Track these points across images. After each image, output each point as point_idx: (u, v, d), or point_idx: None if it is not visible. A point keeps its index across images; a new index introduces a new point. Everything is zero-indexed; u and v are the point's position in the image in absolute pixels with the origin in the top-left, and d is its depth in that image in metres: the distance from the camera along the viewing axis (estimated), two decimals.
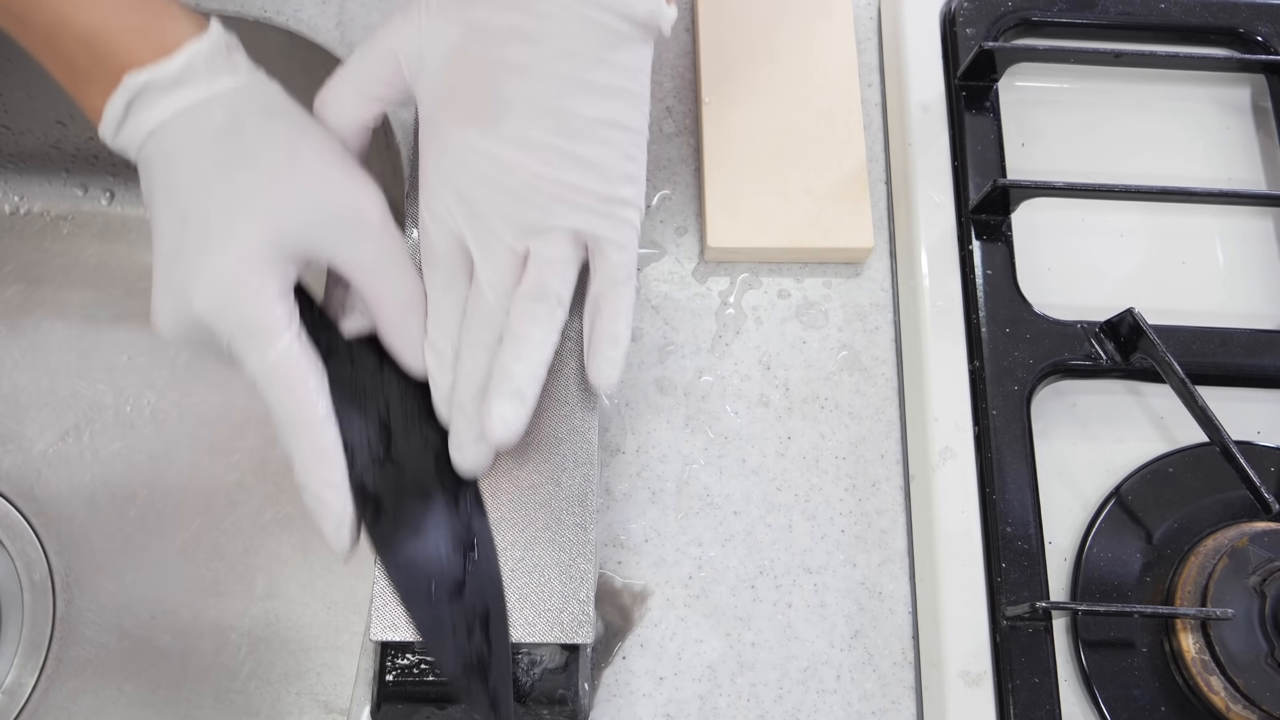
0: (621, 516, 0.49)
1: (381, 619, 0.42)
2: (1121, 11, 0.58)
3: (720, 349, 0.53)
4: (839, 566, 0.49)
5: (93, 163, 0.68)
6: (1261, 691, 0.44)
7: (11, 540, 0.62)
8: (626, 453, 0.50)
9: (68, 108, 0.65)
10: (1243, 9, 0.59)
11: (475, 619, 0.42)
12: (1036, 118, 0.58)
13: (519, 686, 0.42)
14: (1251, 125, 0.59)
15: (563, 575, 0.43)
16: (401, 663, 0.43)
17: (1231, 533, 0.48)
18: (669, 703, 0.47)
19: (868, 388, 0.52)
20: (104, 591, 0.62)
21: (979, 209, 0.53)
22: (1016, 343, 0.51)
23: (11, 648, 0.60)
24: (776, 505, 0.50)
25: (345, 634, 0.61)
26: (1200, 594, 0.46)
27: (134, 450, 0.64)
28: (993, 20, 0.57)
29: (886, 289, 0.54)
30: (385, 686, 0.42)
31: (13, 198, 0.69)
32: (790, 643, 0.48)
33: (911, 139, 0.55)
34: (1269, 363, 0.52)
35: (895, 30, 0.58)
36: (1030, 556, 0.47)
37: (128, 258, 0.69)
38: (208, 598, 0.62)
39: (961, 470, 0.49)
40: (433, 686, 0.43)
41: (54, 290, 0.68)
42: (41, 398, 0.65)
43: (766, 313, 0.53)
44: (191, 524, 0.63)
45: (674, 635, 0.48)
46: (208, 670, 0.60)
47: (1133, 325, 0.49)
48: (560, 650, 0.43)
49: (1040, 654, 0.46)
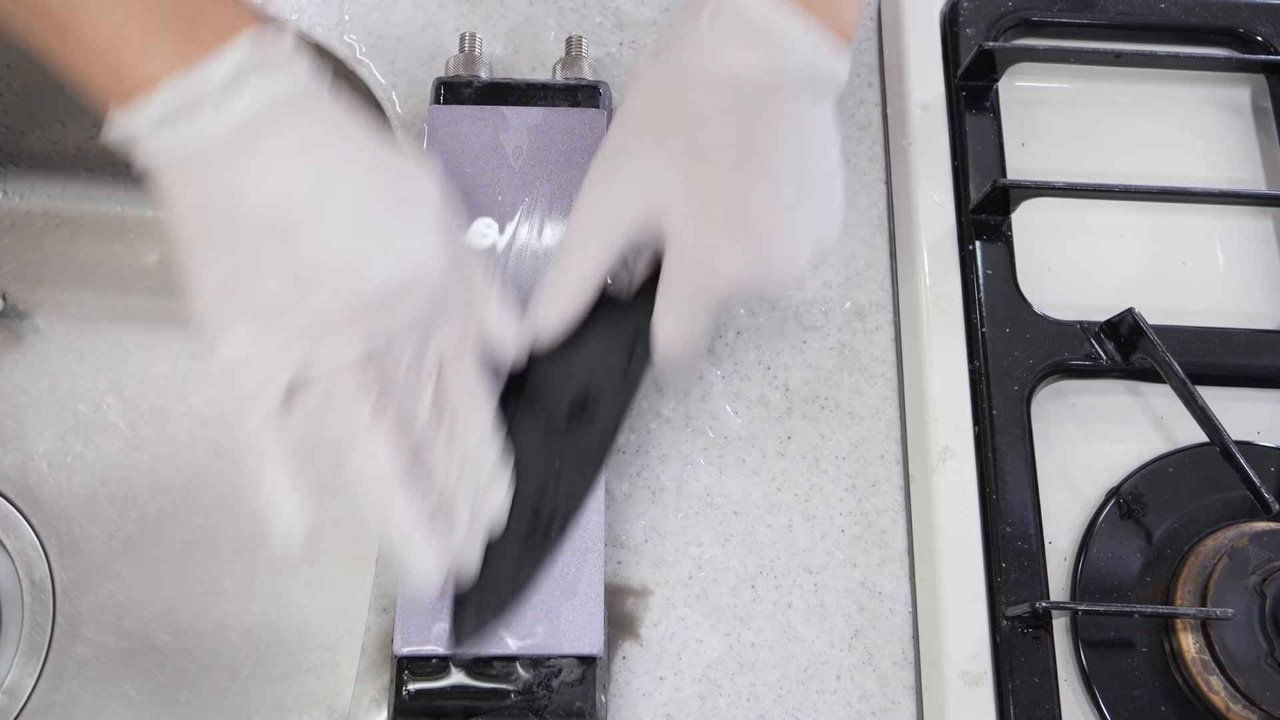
0: (621, 516, 0.49)
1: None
2: (1121, 11, 0.58)
3: (720, 349, 0.53)
4: (839, 566, 0.49)
5: (92, 163, 0.68)
6: (1261, 691, 0.44)
7: (11, 540, 0.62)
8: (626, 453, 0.50)
9: (68, 108, 0.65)
10: (1243, 9, 0.59)
11: (532, 532, 0.43)
12: (1036, 118, 0.58)
13: (535, 700, 0.43)
14: (1251, 125, 0.59)
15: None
16: (419, 676, 0.43)
17: (1231, 533, 0.48)
18: (669, 703, 0.47)
19: (868, 388, 0.52)
20: (104, 591, 0.61)
21: (979, 209, 0.53)
22: (1016, 343, 0.51)
23: (11, 648, 0.60)
24: (776, 505, 0.50)
25: (345, 634, 0.61)
26: (1200, 594, 0.46)
27: (134, 450, 0.64)
28: (993, 20, 0.57)
29: (886, 289, 0.54)
30: (402, 701, 0.43)
31: (13, 198, 0.69)
32: (790, 643, 0.48)
33: (911, 139, 0.55)
34: (1269, 363, 0.52)
35: (895, 30, 0.58)
36: (1030, 556, 0.47)
37: (128, 258, 0.69)
38: (208, 598, 0.62)
39: (961, 470, 0.49)
40: (450, 700, 0.43)
41: (54, 290, 0.68)
42: (41, 398, 0.65)
43: (766, 313, 0.53)
44: (191, 524, 0.63)
45: (674, 635, 0.48)
46: (208, 670, 0.60)
47: (1133, 325, 0.49)
48: (576, 663, 0.43)
49: (1040, 654, 0.46)
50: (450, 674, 0.43)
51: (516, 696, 0.43)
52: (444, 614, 0.43)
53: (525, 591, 0.43)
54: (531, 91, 0.52)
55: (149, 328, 0.67)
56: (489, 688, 0.43)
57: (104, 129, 0.37)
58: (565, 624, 0.43)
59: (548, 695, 0.43)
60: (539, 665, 0.43)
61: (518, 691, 0.43)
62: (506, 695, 0.43)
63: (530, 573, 0.44)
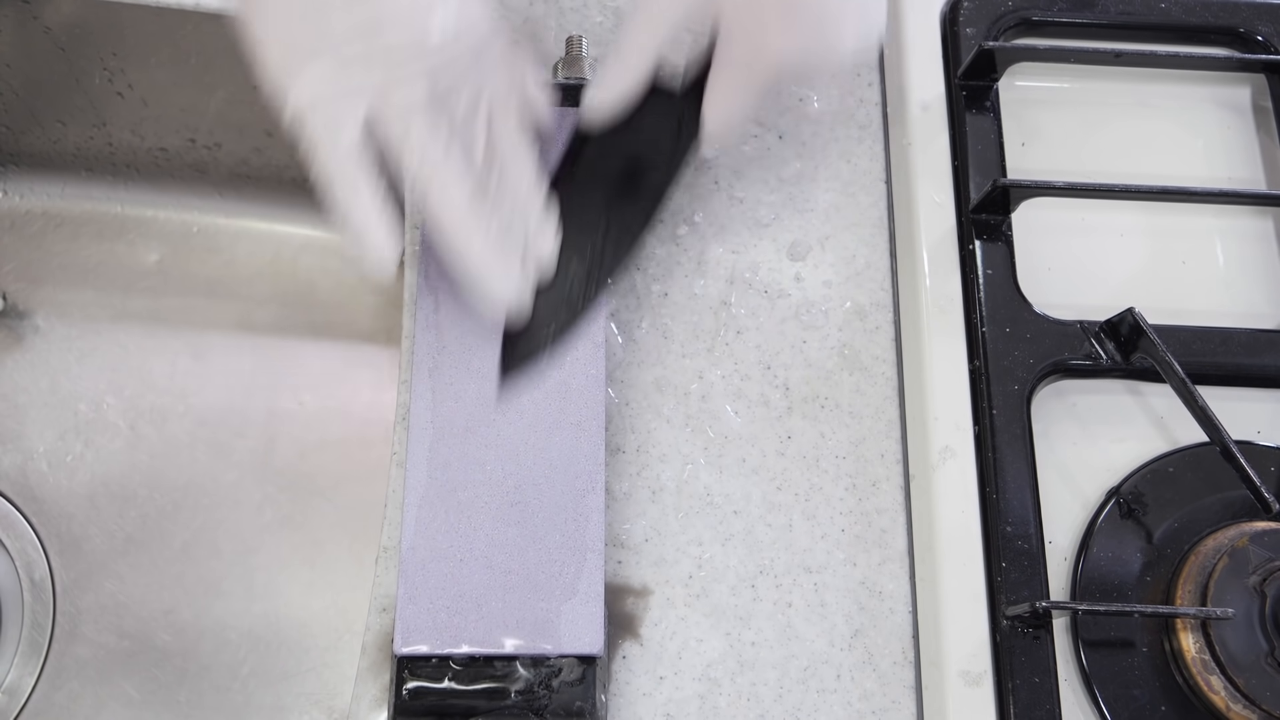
0: (621, 516, 0.49)
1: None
2: (1121, 11, 0.58)
3: (720, 349, 0.53)
4: (839, 566, 0.49)
5: (92, 163, 0.68)
6: (1261, 691, 0.44)
7: (11, 540, 0.62)
8: (626, 452, 0.50)
9: (67, 108, 0.65)
10: (1243, 9, 0.59)
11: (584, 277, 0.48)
12: (1036, 118, 0.58)
13: (535, 699, 0.43)
14: (1251, 125, 0.59)
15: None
16: (419, 676, 0.43)
17: (1231, 532, 0.48)
18: (669, 702, 0.47)
19: (868, 387, 0.52)
20: (104, 591, 0.62)
21: (979, 209, 0.53)
22: (1016, 342, 0.51)
23: (11, 648, 0.60)
24: (776, 505, 0.50)
25: (345, 634, 0.61)
26: (1200, 594, 0.46)
27: (134, 450, 0.64)
28: (993, 20, 0.57)
29: (886, 289, 0.54)
30: (402, 701, 0.43)
31: (13, 198, 0.69)
32: (790, 642, 0.48)
33: (911, 139, 0.55)
34: (1269, 363, 0.52)
35: (895, 30, 0.58)
36: (1030, 556, 0.47)
37: (128, 258, 0.69)
38: (208, 598, 0.62)
39: (961, 470, 0.49)
40: (450, 700, 0.43)
41: (54, 290, 0.68)
42: (41, 398, 0.65)
43: (766, 313, 0.53)
44: (191, 524, 0.63)
45: (674, 635, 0.48)
46: (208, 670, 0.60)
47: (1133, 325, 0.49)
48: (577, 663, 0.43)
49: (1040, 654, 0.46)
50: (450, 674, 0.43)
51: (516, 696, 0.43)
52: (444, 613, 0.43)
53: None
54: None
55: (149, 328, 0.67)
56: (489, 688, 0.43)
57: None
58: (565, 624, 0.43)
59: (548, 695, 0.43)
60: (539, 665, 0.43)
61: (518, 691, 0.43)
62: (506, 695, 0.43)
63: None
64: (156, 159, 0.68)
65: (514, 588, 0.44)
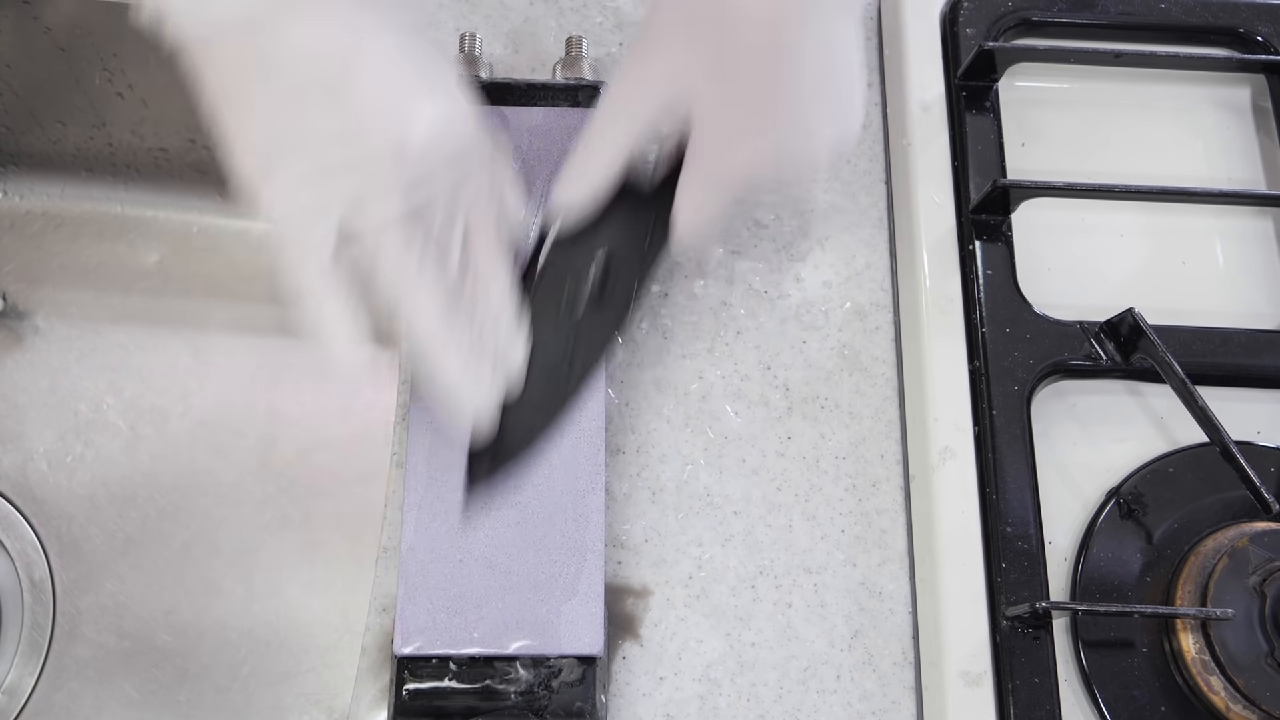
0: (621, 516, 0.49)
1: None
2: (1121, 11, 0.58)
3: (720, 349, 0.53)
4: (839, 566, 0.49)
5: (92, 163, 0.68)
6: (1261, 691, 0.44)
7: (11, 540, 0.62)
8: (626, 453, 0.50)
9: (67, 108, 0.65)
10: (1243, 9, 0.59)
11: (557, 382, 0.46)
12: (1036, 118, 0.58)
13: (535, 700, 0.43)
14: (1251, 125, 0.59)
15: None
16: (419, 676, 0.43)
17: (1231, 533, 0.48)
18: (669, 703, 0.47)
19: (868, 388, 0.52)
20: (104, 591, 0.61)
21: (979, 209, 0.53)
22: (1016, 343, 0.51)
23: (11, 648, 0.60)
24: (776, 505, 0.50)
25: (345, 634, 0.61)
26: (1200, 594, 0.46)
27: (134, 450, 0.64)
28: (993, 20, 0.57)
29: (886, 289, 0.54)
30: (402, 701, 0.43)
31: (13, 198, 0.69)
32: (790, 643, 0.48)
33: (911, 139, 0.55)
34: (1269, 363, 0.52)
35: (895, 30, 0.58)
36: (1030, 556, 0.47)
37: (128, 258, 0.69)
38: (208, 598, 0.62)
39: (961, 470, 0.49)
40: (450, 700, 0.43)
41: (54, 290, 0.68)
42: (41, 398, 0.65)
43: (766, 313, 0.53)
44: (191, 524, 0.63)
45: (674, 635, 0.48)
46: (208, 670, 0.60)
47: (1133, 325, 0.49)
48: (576, 663, 0.43)
49: (1040, 654, 0.46)
50: (450, 674, 0.43)
51: (517, 696, 0.43)
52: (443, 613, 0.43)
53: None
54: (531, 92, 0.52)
55: (149, 328, 0.67)
56: (489, 688, 0.43)
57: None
58: (565, 624, 0.43)
59: (548, 695, 0.43)
60: (539, 665, 0.43)
61: (518, 691, 0.43)
62: (507, 695, 0.43)
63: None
64: (156, 159, 0.68)
65: (514, 588, 0.44)
